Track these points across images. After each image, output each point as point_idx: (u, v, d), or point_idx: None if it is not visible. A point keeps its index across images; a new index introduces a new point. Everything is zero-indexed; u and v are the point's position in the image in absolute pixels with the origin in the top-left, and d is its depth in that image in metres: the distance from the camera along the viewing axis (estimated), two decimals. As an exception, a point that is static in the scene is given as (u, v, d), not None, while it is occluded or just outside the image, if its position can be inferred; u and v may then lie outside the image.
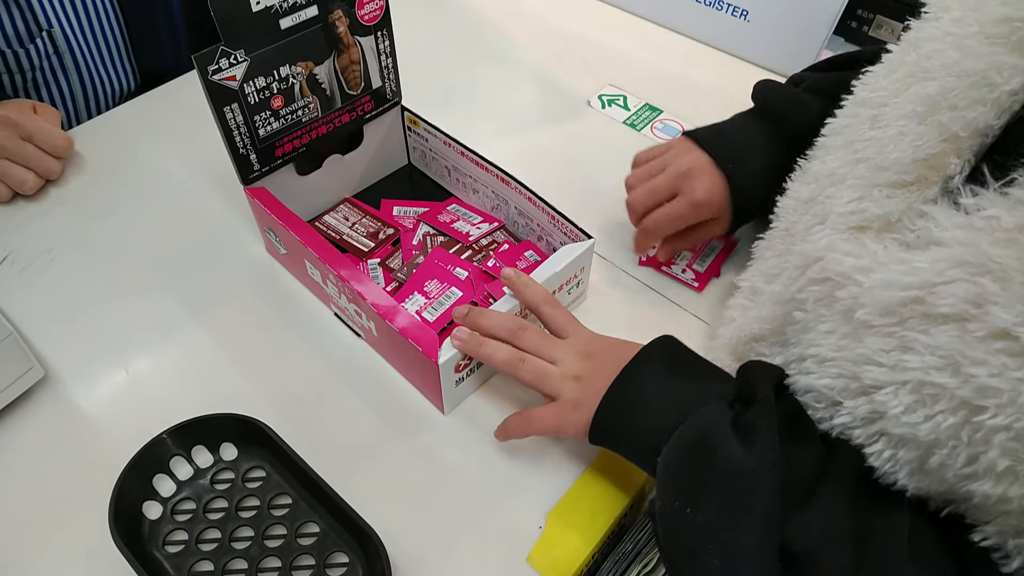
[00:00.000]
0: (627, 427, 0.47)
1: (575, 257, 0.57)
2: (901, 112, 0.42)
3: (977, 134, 0.39)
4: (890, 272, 0.36)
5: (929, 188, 0.41)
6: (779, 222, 0.51)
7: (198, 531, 0.50)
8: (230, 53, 0.53)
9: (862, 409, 0.37)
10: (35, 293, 0.66)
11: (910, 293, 0.35)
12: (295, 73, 0.58)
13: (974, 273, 0.33)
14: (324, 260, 0.56)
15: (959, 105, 0.39)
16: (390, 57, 0.64)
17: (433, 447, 0.55)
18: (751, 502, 0.38)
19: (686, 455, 0.42)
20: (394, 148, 0.73)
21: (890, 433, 0.36)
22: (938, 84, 0.40)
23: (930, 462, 0.35)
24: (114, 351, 0.61)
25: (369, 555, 0.48)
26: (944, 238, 0.35)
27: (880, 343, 0.36)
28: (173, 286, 0.66)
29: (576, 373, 0.50)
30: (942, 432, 0.34)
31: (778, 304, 0.47)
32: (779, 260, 0.49)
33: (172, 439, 0.52)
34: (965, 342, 0.33)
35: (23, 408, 0.57)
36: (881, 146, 0.42)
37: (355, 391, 0.59)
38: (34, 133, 0.71)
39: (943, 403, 0.33)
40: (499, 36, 0.97)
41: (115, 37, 0.87)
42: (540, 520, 0.51)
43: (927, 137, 0.40)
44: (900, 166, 0.41)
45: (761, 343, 0.49)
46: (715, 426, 0.41)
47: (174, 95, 0.87)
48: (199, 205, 0.74)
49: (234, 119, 0.56)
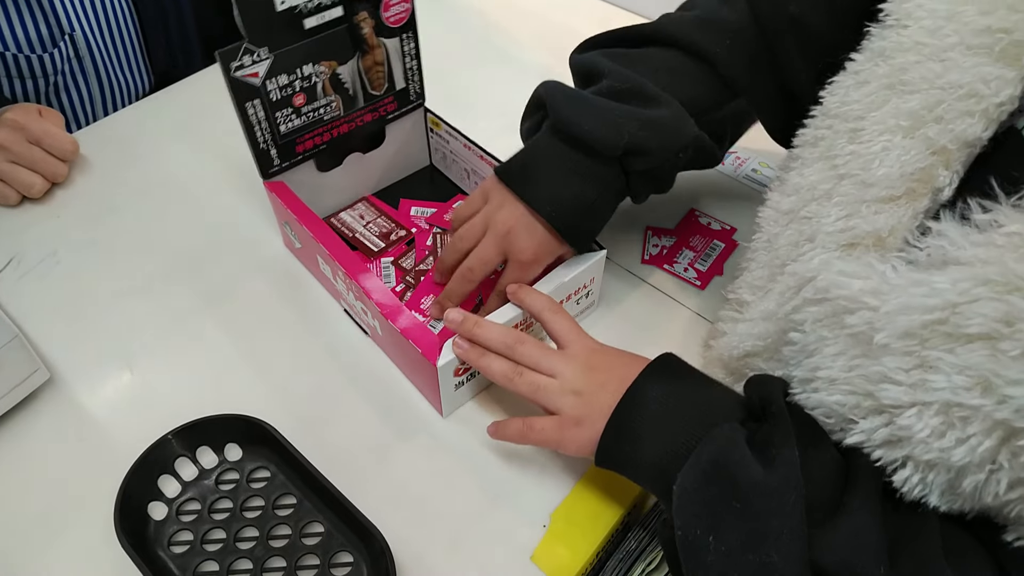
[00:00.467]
0: (635, 453, 0.45)
1: (585, 268, 0.57)
2: (883, 126, 0.41)
3: (965, 146, 0.39)
4: (909, 296, 0.35)
5: (919, 201, 0.40)
6: (761, 232, 0.51)
7: (203, 531, 0.50)
8: (253, 51, 0.53)
9: (881, 432, 0.36)
10: (40, 295, 0.66)
11: (932, 316, 0.34)
12: (318, 72, 0.58)
13: (1002, 292, 0.32)
14: (334, 256, 0.56)
15: (945, 117, 0.38)
16: (415, 59, 0.64)
17: (436, 448, 0.56)
18: (778, 523, 0.36)
19: (703, 482, 0.40)
20: (416, 149, 0.74)
21: (917, 459, 0.35)
22: (921, 97, 0.39)
23: (963, 485, 0.34)
24: (119, 353, 0.62)
25: (373, 554, 0.48)
26: (963, 256, 0.34)
27: (899, 362, 0.35)
28: (178, 288, 0.66)
29: (577, 388, 0.49)
30: (977, 456, 0.33)
31: (771, 322, 0.46)
32: (765, 272, 0.49)
33: (177, 440, 0.52)
34: (999, 361, 0.32)
35: (29, 410, 0.58)
36: (866, 162, 0.42)
37: (360, 390, 0.59)
38: (41, 137, 0.71)
39: (976, 425, 0.32)
40: (504, 37, 0.97)
41: (132, 39, 0.88)
42: (544, 519, 0.52)
43: (914, 151, 0.40)
44: (888, 181, 0.41)
45: (756, 359, 0.48)
46: (730, 449, 0.40)
47: (177, 97, 0.87)
48: (205, 205, 0.74)
49: (255, 115, 0.57)
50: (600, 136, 0.52)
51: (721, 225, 0.71)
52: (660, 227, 0.71)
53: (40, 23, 0.78)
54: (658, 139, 0.52)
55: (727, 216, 0.72)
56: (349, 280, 0.56)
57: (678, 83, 0.55)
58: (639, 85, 0.53)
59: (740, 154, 0.79)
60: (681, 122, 0.54)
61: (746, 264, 0.52)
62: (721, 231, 0.71)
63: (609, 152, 0.52)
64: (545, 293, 0.55)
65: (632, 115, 0.52)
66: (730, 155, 0.79)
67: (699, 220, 0.72)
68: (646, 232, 0.71)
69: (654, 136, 0.52)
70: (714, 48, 0.55)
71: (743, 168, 0.78)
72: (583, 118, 0.52)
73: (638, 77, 0.54)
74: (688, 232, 0.71)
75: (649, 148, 0.52)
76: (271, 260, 0.69)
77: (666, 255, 0.69)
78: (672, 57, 0.56)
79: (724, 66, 0.55)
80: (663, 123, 0.53)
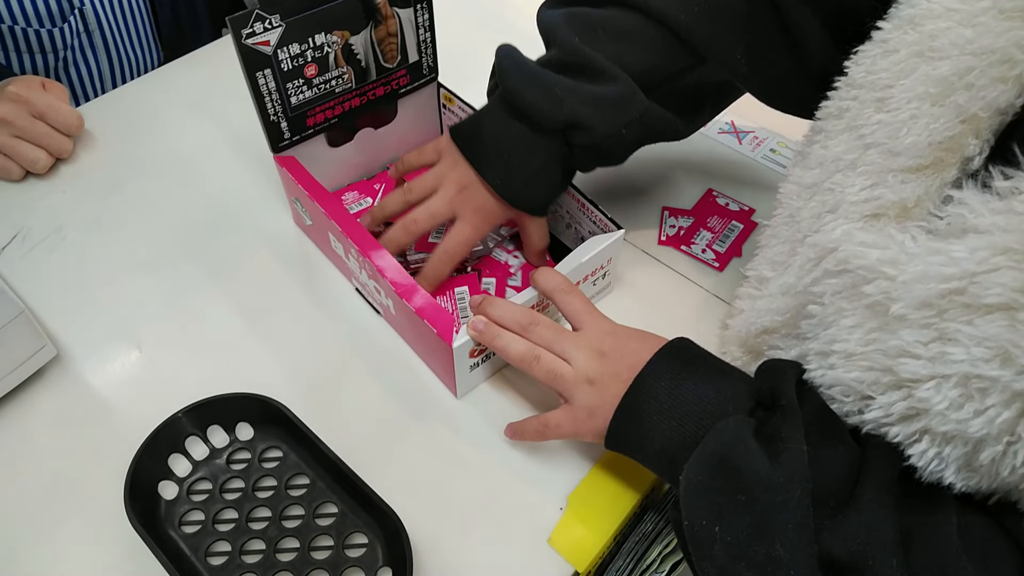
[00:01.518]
0: (643, 440, 0.45)
1: (601, 248, 0.56)
2: (912, 94, 0.40)
3: (997, 113, 0.38)
4: (927, 264, 0.35)
5: (946, 171, 0.39)
6: (782, 208, 0.50)
7: (215, 511, 0.49)
8: (265, 17, 0.51)
9: (899, 406, 0.36)
10: (47, 271, 0.65)
11: (950, 285, 0.33)
12: (330, 42, 0.56)
13: (1021, 260, 0.31)
14: (346, 233, 0.55)
15: (977, 84, 0.37)
16: (428, 31, 0.63)
17: (451, 429, 0.55)
18: (784, 517, 0.36)
19: (709, 474, 0.40)
20: (428, 124, 0.72)
21: (934, 431, 0.35)
22: (951, 64, 0.38)
23: (980, 458, 0.34)
24: (127, 329, 0.61)
25: (388, 535, 0.47)
26: (981, 225, 0.34)
27: (917, 335, 0.35)
28: (187, 263, 0.65)
29: (590, 375, 0.48)
30: (995, 427, 0.32)
31: (789, 296, 0.45)
32: (786, 248, 0.48)
33: (188, 418, 0.51)
34: (1018, 332, 0.31)
35: (36, 387, 0.57)
36: (893, 130, 0.41)
37: (373, 370, 0.58)
38: (45, 111, 0.70)
39: (994, 396, 0.32)
40: (518, 15, 0.95)
41: (141, 13, 0.87)
42: (561, 502, 0.51)
43: (943, 119, 0.39)
44: (916, 150, 0.40)
45: (774, 335, 0.47)
46: (736, 441, 0.40)
47: (184, 70, 0.85)
48: (213, 181, 0.73)
49: (266, 85, 0.55)
50: (540, 108, 0.52)
51: (739, 206, 0.70)
52: (677, 208, 0.70)
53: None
54: (600, 115, 0.52)
55: (745, 197, 0.71)
56: (362, 258, 0.55)
57: (633, 51, 0.54)
58: (587, 59, 0.52)
59: (758, 134, 0.78)
60: (627, 98, 0.53)
61: (766, 241, 0.52)
62: (739, 212, 0.69)
63: (549, 124, 0.53)
64: (559, 272, 0.53)
65: (574, 90, 0.52)
66: (747, 135, 0.78)
67: (717, 200, 0.71)
68: (663, 213, 0.69)
69: (596, 112, 0.52)
70: (678, 13, 0.53)
71: (761, 148, 0.76)
72: (526, 90, 0.53)
73: (587, 51, 0.53)
74: (706, 213, 0.69)
75: (590, 124, 0.52)
76: (281, 237, 0.67)
77: (683, 236, 0.67)
78: (633, 21, 0.54)
79: (687, 32, 0.53)
80: (605, 99, 0.52)
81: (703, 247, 0.66)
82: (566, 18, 0.55)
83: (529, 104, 0.53)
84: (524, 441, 0.53)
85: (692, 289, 0.64)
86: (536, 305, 0.55)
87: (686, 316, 0.62)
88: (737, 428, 0.41)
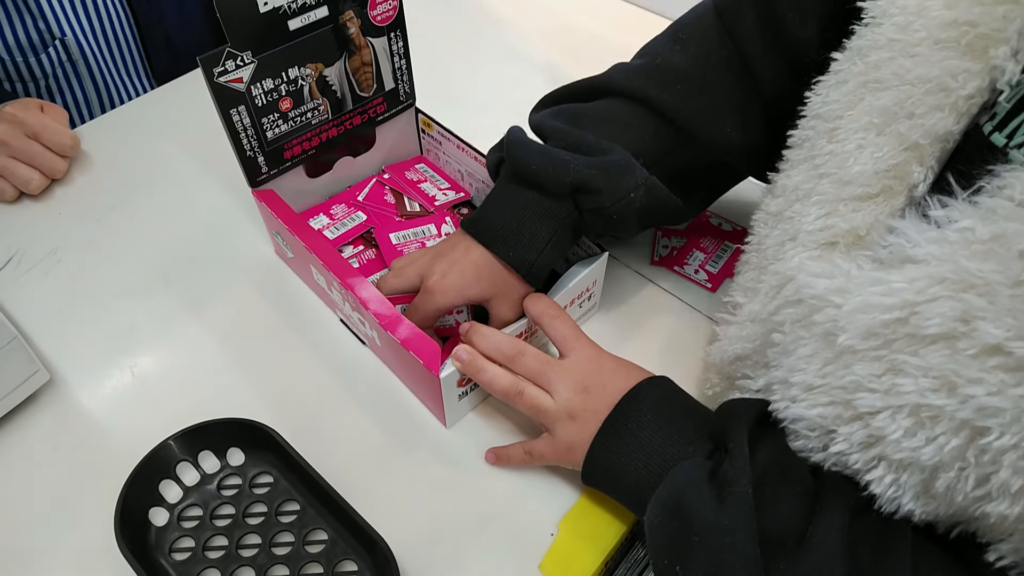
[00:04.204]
0: (613, 480, 0.47)
1: (587, 272, 0.56)
2: (858, 124, 0.41)
3: (938, 140, 0.38)
4: (867, 294, 0.35)
5: (895, 199, 0.40)
6: (753, 235, 0.50)
7: (205, 538, 0.49)
8: (236, 55, 0.52)
9: (858, 435, 0.37)
10: (40, 294, 0.65)
11: (892, 315, 0.34)
12: (304, 75, 0.56)
13: (957, 289, 0.32)
14: (328, 267, 0.55)
15: (916, 113, 0.38)
16: (404, 58, 0.63)
17: (439, 457, 0.55)
18: (731, 559, 0.38)
19: (667, 515, 0.42)
20: (407, 150, 0.72)
21: (890, 458, 0.35)
22: (892, 94, 0.39)
23: (935, 485, 0.34)
24: (120, 354, 0.61)
25: (378, 563, 0.47)
26: (918, 255, 0.34)
27: (870, 368, 0.35)
28: (180, 288, 0.65)
29: (571, 410, 0.49)
30: (945, 455, 0.33)
31: (757, 323, 0.46)
32: (754, 275, 0.49)
33: (178, 444, 0.51)
34: (958, 361, 0.32)
35: (28, 412, 0.57)
36: (842, 160, 0.42)
37: (360, 399, 0.58)
38: (40, 131, 0.70)
39: (943, 424, 0.32)
40: (509, 32, 0.96)
41: (128, 44, 0.87)
42: (552, 527, 0.51)
43: (887, 147, 0.39)
44: (863, 179, 0.40)
45: (745, 363, 0.48)
46: (689, 485, 0.42)
47: (181, 93, 0.86)
48: (207, 206, 0.73)
49: (241, 121, 0.55)
50: (548, 172, 0.52)
51: (733, 226, 0.70)
52: (670, 228, 0.70)
53: (29, 27, 0.77)
54: (606, 178, 0.52)
55: (739, 217, 0.71)
56: (345, 291, 0.55)
57: (623, 132, 0.55)
58: (583, 139, 0.53)
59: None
60: (629, 164, 0.53)
61: (740, 268, 0.52)
62: (733, 232, 0.69)
63: (557, 189, 0.52)
64: (549, 298, 0.54)
65: (578, 159, 0.52)
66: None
67: (710, 221, 0.71)
68: (656, 233, 0.70)
69: (601, 175, 0.52)
70: (661, 94, 0.55)
71: (754, 168, 0.76)
72: (532, 157, 0.53)
73: (580, 133, 0.54)
74: (699, 233, 0.69)
75: (598, 185, 0.52)
76: (268, 266, 0.67)
77: (676, 256, 0.67)
78: (620, 107, 0.56)
79: (673, 112, 0.55)
80: (608, 164, 0.52)
81: (696, 267, 0.66)
82: (554, 114, 0.57)
83: (535, 169, 0.52)
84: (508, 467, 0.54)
85: (685, 310, 0.64)
86: (525, 331, 0.55)
87: (678, 337, 0.62)
88: (692, 471, 0.43)
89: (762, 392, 0.45)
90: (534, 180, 0.53)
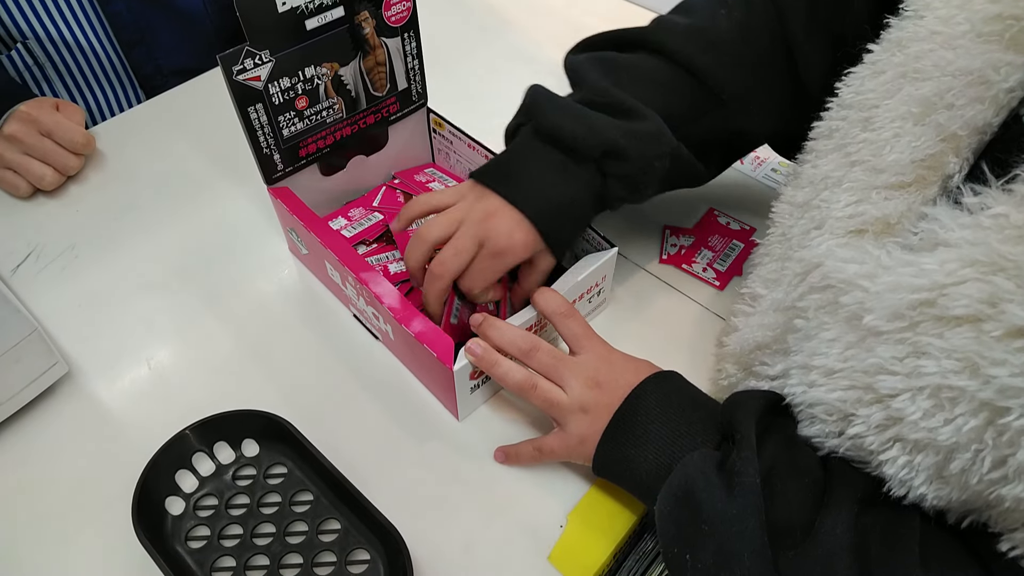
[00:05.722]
0: (624, 471, 0.48)
1: (597, 266, 0.57)
2: (895, 113, 0.41)
3: (975, 132, 0.39)
4: (897, 275, 0.36)
5: (928, 188, 0.41)
6: (775, 227, 0.51)
7: (220, 527, 0.50)
8: (255, 54, 0.53)
9: (876, 416, 0.37)
10: (59, 289, 0.66)
11: (920, 295, 0.35)
12: (320, 74, 0.58)
13: (986, 272, 0.33)
14: (343, 262, 0.56)
15: (956, 104, 0.39)
16: (416, 59, 0.64)
17: (450, 449, 0.55)
18: (740, 547, 0.38)
19: (676, 505, 0.43)
20: (419, 150, 0.73)
21: (906, 439, 0.36)
22: (933, 84, 0.40)
23: (950, 467, 0.34)
24: (137, 347, 0.62)
25: (390, 553, 0.48)
26: (951, 239, 0.35)
27: (892, 351, 0.36)
28: (196, 283, 0.67)
29: (584, 404, 0.50)
30: (963, 436, 0.33)
31: (779, 311, 0.46)
32: (778, 265, 0.49)
33: (195, 435, 0.52)
34: (983, 343, 0.32)
35: (47, 404, 0.58)
36: (877, 148, 0.42)
37: (373, 393, 0.59)
38: (53, 129, 0.72)
39: (963, 406, 0.33)
40: (520, 34, 0.97)
41: (109, 57, 0.85)
42: (561, 519, 0.51)
43: (925, 137, 0.40)
44: (898, 167, 0.41)
45: (764, 351, 0.48)
46: (699, 475, 0.42)
47: (198, 93, 0.87)
48: (222, 204, 0.74)
49: (258, 119, 0.56)
50: (579, 135, 0.52)
51: (740, 225, 0.71)
52: (678, 227, 0.71)
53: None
54: (636, 145, 0.52)
55: (746, 216, 0.72)
56: (360, 285, 0.56)
57: (659, 94, 0.55)
58: (617, 99, 0.53)
59: (760, 154, 0.78)
60: (659, 132, 0.53)
61: (760, 260, 0.53)
62: (740, 231, 0.70)
63: (587, 151, 0.52)
64: (559, 293, 0.54)
65: (609, 122, 0.52)
66: (749, 155, 0.78)
67: (718, 220, 0.71)
68: (664, 231, 0.70)
69: (631, 143, 0.52)
70: (701, 56, 0.55)
71: (762, 168, 0.77)
72: (563, 120, 0.52)
73: (616, 91, 0.53)
74: (707, 232, 0.70)
75: (627, 152, 0.52)
76: (283, 263, 0.69)
77: (684, 255, 0.68)
78: (657, 66, 0.56)
79: (708, 75, 0.55)
80: (639, 131, 0.52)
81: (704, 266, 0.67)
82: (593, 62, 0.57)
83: (567, 133, 0.52)
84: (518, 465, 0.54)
85: (693, 308, 0.64)
86: (535, 324, 0.56)
87: (687, 334, 0.62)
88: (701, 462, 0.43)
89: (779, 378, 0.46)
90: (565, 142, 0.52)
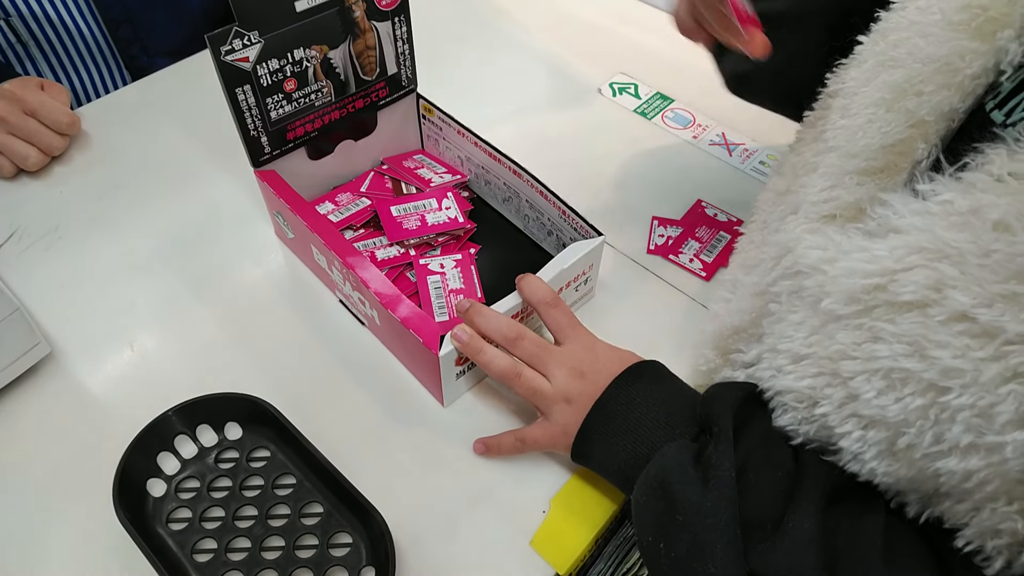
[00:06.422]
0: (603, 460, 0.48)
1: (583, 255, 0.57)
2: (870, 100, 0.42)
3: (943, 118, 0.40)
4: (852, 260, 0.37)
5: (898, 174, 0.41)
6: (757, 215, 0.52)
7: (202, 509, 0.50)
8: (244, 34, 0.52)
9: (838, 395, 0.39)
10: (42, 269, 0.66)
11: (872, 280, 0.36)
12: (309, 56, 0.57)
13: (932, 259, 0.34)
14: (329, 246, 0.56)
15: (924, 91, 0.39)
16: (406, 43, 0.64)
17: (435, 435, 0.55)
18: (714, 539, 0.39)
19: (652, 495, 0.43)
20: (407, 135, 0.73)
21: (860, 415, 0.37)
22: (905, 71, 0.40)
23: (899, 443, 0.36)
24: (120, 329, 0.61)
25: (373, 536, 0.48)
26: (902, 225, 0.36)
27: (852, 336, 0.37)
28: (180, 266, 0.66)
29: (568, 394, 0.50)
30: (910, 413, 0.34)
31: (755, 295, 0.47)
32: (756, 251, 0.50)
33: (177, 417, 0.52)
34: (928, 327, 0.33)
35: (28, 384, 0.57)
36: (851, 134, 0.43)
37: (358, 378, 0.59)
38: (37, 108, 0.71)
39: (911, 386, 0.34)
40: (509, 23, 0.97)
41: (95, 37, 0.84)
42: (544, 505, 0.51)
43: (894, 123, 0.41)
44: (869, 152, 0.42)
45: (740, 335, 0.49)
46: (675, 466, 0.43)
47: (184, 75, 0.86)
48: (208, 187, 0.73)
49: (246, 101, 0.56)
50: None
51: (727, 216, 0.71)
52: (666, 217, 0.71)
53: None
54: None
55: (734, 207, 0.72)
56: (346, 270, 0.56)
57: None
58: None
59: (748, 146, 0.79)
60: None
61: (741, 247, 0.54)
62: (727, 222, 0.70)
63: None
64: (545, 282, 0.54)
65: None
66: (737, 147, 0.79)
67: (706, 211, 0.71)
68: (652, 222, 0.70)
69: None
70: None
71: (750, 160, 0.77)
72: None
73: None
74: (694, 223, 0.70)
75: None
76: (269, 247, 0.68)
77: (672, 245, 0.68)
78: None
79: None
80: None
81: (691, 257, 0.67)
82: None
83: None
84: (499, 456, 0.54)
85: (679, 298, 0.65)
86: (520, 312, 0.56)
87: (673, 324, 0.63)
88: (677, 453, 0.44)
89: (752, 365, 0.46)
90: None
